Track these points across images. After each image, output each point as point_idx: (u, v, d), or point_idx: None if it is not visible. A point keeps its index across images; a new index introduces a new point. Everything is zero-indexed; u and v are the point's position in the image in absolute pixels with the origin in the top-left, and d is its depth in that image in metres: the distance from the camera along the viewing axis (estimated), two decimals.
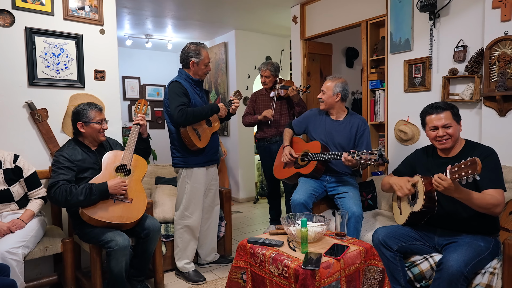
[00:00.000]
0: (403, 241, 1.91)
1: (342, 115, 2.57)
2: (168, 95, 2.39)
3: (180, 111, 2.29)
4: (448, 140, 1.87)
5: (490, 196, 1.68)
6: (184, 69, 2.51)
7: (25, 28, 2.36)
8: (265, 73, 3.38)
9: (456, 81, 2.61)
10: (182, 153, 2.48)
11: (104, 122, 2.23)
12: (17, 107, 2.37)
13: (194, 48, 2.47)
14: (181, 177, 2.52)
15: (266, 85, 3.41)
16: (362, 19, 3.30)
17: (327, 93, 2.50)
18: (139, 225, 2.14)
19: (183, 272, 2.56)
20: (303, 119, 2.73)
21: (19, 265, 1.86)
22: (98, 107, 2.22)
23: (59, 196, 1.96)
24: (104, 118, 2.25)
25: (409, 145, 2.88)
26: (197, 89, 2.53)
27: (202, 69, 2.50)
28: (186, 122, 2.33)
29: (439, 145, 1.90)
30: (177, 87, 2.38)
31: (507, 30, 2.26)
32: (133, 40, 5.24)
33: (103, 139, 2.24)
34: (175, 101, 2.33)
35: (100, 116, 2.21)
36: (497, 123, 2.35)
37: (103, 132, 2.23)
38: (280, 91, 3.30)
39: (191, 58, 2.44)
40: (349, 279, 1.60)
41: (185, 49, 2.48)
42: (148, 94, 6.09)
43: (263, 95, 3.47)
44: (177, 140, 2.48)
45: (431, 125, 1.90)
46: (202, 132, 2.45)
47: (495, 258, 1.75)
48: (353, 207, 2.27)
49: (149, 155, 2.47)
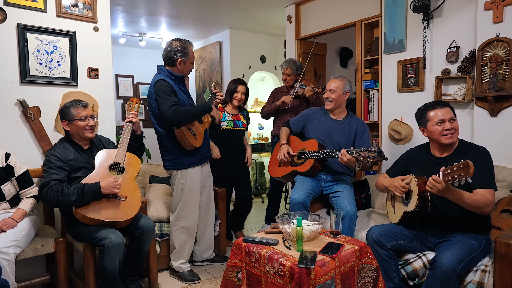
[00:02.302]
0: (397, 240, 1.93)
1: (343, 115, 2.58)
2: (156, 95, 2.25)
3: (174, 111, 2.18)
4: (454, 134, 1.86)
5: (481, 196, 1.71)
6: (167, 67, 2.40)
7: (17, 25, 2.33)
8: (286, 71, 3.36)
9: (449, 82, 2.64)
10: (176, 155, 2.40)
11: (89, 119, 2.13)
12: (9, 105, 2.34)
13: (181, 46, 2.36)
14: (176, 179, 2.45)
15: (287, 83, 3.41)
16: (357, 20, 3.32)
17: (337, 92, 2.49)
18: (133, 224, 2.12)
19: (178, 271, 2.55)
20: (301, 117, 2.73)
21: (10, 264, 1.83)
22: (82, 104, 2.14)
23: (50, 196, 1.93)
24: (90, 114, 2.15)
25: (402, 145, 2.91)
26: (181, 86, 2.44)
27: (189, 67, 2.43)
28: (181, 122, 2.24)
29: (446, 139, 1.85)
30: (165, 86, 2.25)
31: (498, 31, 2.29)
32: (126, 38, 5.20)
33: (91, 136, 2.16)
34: (166, 101, 2.21)
35: (84, 112, 2.12)
36: (489, 123, 2.38)
37: (90, 129, 2.14)
38: (298, 90, 3.29)
39: (178, 57, 2.35)
40: (344, 277, 1.61)
41: (170, 47, 2.36)
42: (142, 93, 6.04)
43: (283, 92, 3.45)
44: (169, 141, 2.39)
45: (438, 119, 1.86)
46: (196, 131, 2.40)
47: (486, 256, 1.78)
48: (347, 206, 2.28)
49: (142, 153, 2.44)
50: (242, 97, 3.06)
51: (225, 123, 3.02)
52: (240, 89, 3.05)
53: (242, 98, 3.06)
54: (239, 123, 3.09)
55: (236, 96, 3.04)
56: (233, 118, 3.05)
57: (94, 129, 2.18)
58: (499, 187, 2.13)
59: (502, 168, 2.24)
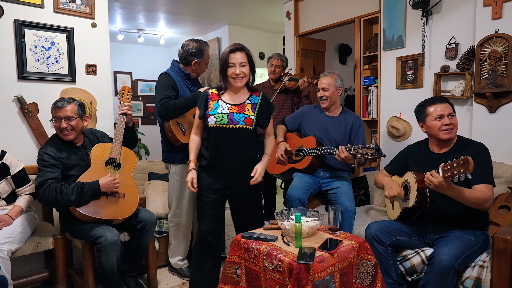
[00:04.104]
0: (395, 236, 1.93)
1: (338, 111, 2.57)
2: (155, 88, 2.36)
3: (161, 105, 2.22)
4: (453, 129, 1.86)
5: (481, 192, 1.71)
6: (181, 65, 2.44)
7: (14, 21, 2.31)
8: (277, 62, 3.31)
9: (448, 78, 2.64)
10: (170, 149, 2.42)
11: (62, 121, 2.00)
12: (7, 102, 2.33)
13: (197, 47, 2.38)
14: (170, 173, 2.47)
15: (274, 74, 3.33)
16: (356, 16, 3.31)
17: (330, 89, 2.48)
18: (134, 218, 2.11)
19: (176, 268, 2.55)
20: (297, 115, 2.73)
21: (4, 262, 1.81)
22: (58, 104, 2.03)
23: (48, 195, 1.91)
24: (66, 115, 2.01)
25: (401, 141, 2.91)
26: (188, 83, 2.45)
27: (202, 68, 2.47)
28: (168, 115, 2.24)
29: (445, 135, 1.85)
30: (165, 79, 2.31)
31: (497, 28, 2.29)
32: (125, 35, 5.18)
33: (68, 139, 2.05)
34: (160, 94, 2.27)
35: (58, 113, 2.01)
36: (487, 119, 2.39)
37: (64, 131, 2.02)
38: (286, 83, 3.22)
39: (194, 58, 2.38)
40: (343, 273, 1.62)
41: (187, 47, 2.39)
42: (140, 90, 6.04)
43: (266, 88, 3.37)
44: (165, 134, 2.41)
45: (437, 114, 1.86)
46: (187, 127, 2.35)
47: (484, 252, 1.79)
48: (346, 202, 2.29)
49: (136, 143, 2.40)
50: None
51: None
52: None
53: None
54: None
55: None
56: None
57: (71, 132, 2.05)
58: (497, 183, 2.13)
59: (500, 164, 2.24)
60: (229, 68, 1.88)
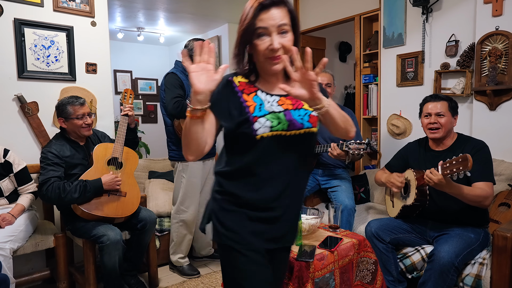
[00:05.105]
0: (395, 233, 1.94)
1: None
2: (164, 86, 2.40)
3: (176, 103, 2.29)
4: (438, 130, 1.88)
5: (480, 190, 1.71)
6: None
7: (14, 20, 2.31)
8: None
9: (448, 76, 2.64)
10: (179, 146, 2.45)
11: (86, 117, 2.11)
12: (7, 100, 2.33)
13: None
14: (177, 171, 2.50)
15: None
16: (356, 13, 3.30)
17: (331, 87, 2.49)
18: (135, 216, 2.13)
19: (177, 266, 2.56)
20: None
21: (6, 260, 1.82)
22: (79, 101, 2.10)
23: (51, 193, 1.92)
24: (88, 112, 2.12)
25: (401, 139, 2.91)
26: None
27: None
28: (181, 114, 2.31)
29: (429, 134, 1.91)
30: (174, 79, 2.38)
31: (498, 25, 2.28)
32: (124, 33, 5.16)
33: (88, 134, 2.15)
34: (171, 92, 2.33)
35: (82, 110, 2.09)
36: (488, 117, 2.38)
37: (87, 127, 2.12)
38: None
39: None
40: (343, 271, 1.62)
41: (190, 46, 2.44)
42: (140, 88, 6.02)
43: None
44: (173, 133, 2.46)
45: (425, 112, 1.92)
46: None
47: (484, 249, 1.79)
48: (345, 200, 2.29)
49: (137, 145, 2.44)
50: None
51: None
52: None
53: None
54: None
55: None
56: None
57: (91, 127, 2.17)
58: (498, 180, 2.13)
59: (500, 162, 2.24)
60: (258, 38, 1.03)
